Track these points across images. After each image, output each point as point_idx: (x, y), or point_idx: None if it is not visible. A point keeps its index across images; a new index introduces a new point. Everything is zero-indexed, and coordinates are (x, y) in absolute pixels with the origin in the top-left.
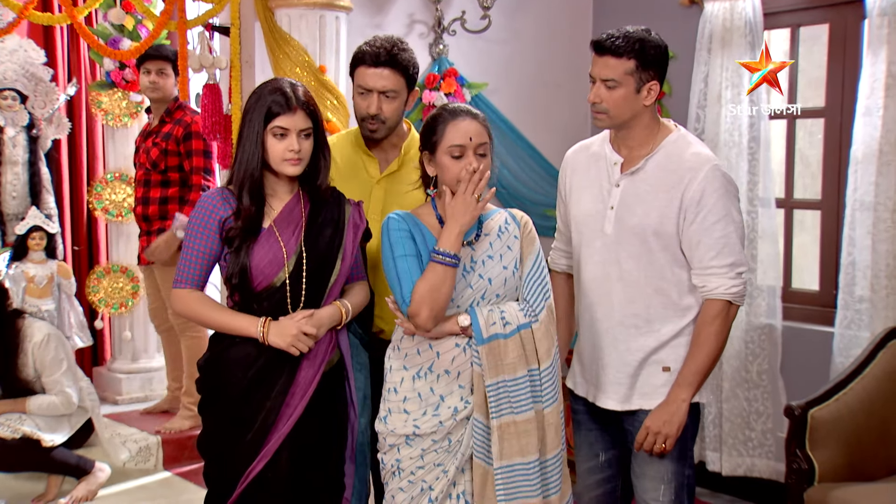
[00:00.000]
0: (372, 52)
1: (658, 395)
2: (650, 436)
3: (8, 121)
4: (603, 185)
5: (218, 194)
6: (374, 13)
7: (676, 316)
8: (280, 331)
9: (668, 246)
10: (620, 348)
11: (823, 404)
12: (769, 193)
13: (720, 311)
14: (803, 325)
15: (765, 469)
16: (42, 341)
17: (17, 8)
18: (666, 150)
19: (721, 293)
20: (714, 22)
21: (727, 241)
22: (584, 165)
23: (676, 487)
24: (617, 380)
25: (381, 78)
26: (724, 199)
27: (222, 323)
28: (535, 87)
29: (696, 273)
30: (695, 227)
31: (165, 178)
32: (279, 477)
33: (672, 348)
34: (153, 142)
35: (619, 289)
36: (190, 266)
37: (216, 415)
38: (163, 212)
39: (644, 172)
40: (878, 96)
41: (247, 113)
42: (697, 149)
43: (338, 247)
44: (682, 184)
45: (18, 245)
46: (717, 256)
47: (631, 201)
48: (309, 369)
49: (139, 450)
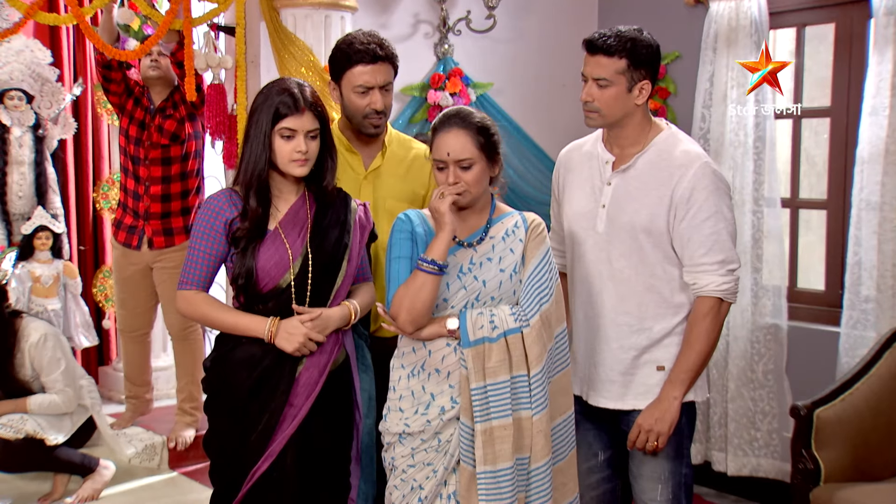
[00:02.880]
0: (367, 50)
1: (653, 395)
2: (642, 434)
3: (14, 121)
4: (595, 184)
5: (224, 195)
6: (379, 13)
7: (669, 314)
8: (287, 335)
9: (660, 243)
10: (613, 346)
11: (829, 404)
12: (775, 193)
13: (711, 309)
14: (809, 324)
15: (770, 469)
16: (39, 341)
17: (23, 8)
18: (657, 148)
19: (712, 290)
20: (719, 21)
21: (717, 238)
22: (578, 164)
23: (674, 486)
24: (609, 378)
25: (380, 73)
26: (714, 195)
27: (229, 324)
28: (541, 87)
29: (687, 270)
30: (685, 223)
31: (185, 150)
32: (284, 477)
33: (665, 347)
34: (165, 115)
35: (610, 287)
36: (196, 267)
37: (222, 414)
38: (185, 187)
39: (635, 170)
40: (885, 96)
41: (253, 113)
42: (687, 146)
43: (344, 248)
44: (671, 181)
45: (25, 245)
46: (708, 253)
47: (622, 199)
48: (313, 370)
49: (144, 448)
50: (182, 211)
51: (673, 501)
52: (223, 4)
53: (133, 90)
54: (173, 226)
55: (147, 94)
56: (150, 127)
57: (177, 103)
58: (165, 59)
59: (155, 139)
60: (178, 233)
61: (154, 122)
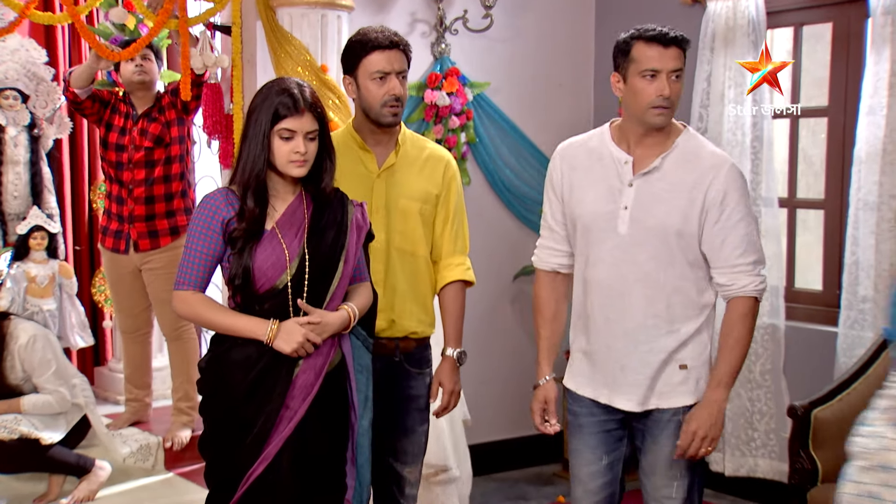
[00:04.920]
0: (383, 37)
1: (675, 394)
2: (696, 441)
3: (9, 120)
4: (613, 185)
5: (220, 195)
6: (375, 12)
7: (695, 314)
8: (286, 337)
9: (690, 245)
10: (642, 349)
11: (827, 404)
12: (772, 193)
13: (751, 309)
14: (806, 324)
15: (768, 469)
16: (28, 343)
17: (18, 7)
18: (681, 149)
19: (751, 290)
20: (717, 21)
21: (750, 239)
22: (585, 163)
23: (689, 483)
24: (636, 381)
25: (396, 60)
26: (745, 197)
27: (227, 325)
28: (538, 86)
29: (722, 272)
30: (718, 226)
31: (168, 153)
32: (280, 479)
33: (690, 347)
34: (150, 119)
35: (638, 289)
36: (192, 267)
37: (217, 416)
38: (168, 190)
39: (660, 172)
40: (882, 95)
41: (252, 113)
42: (712, 148)
43: (340, 249)
44: (703, 183)
45: (20, 245)
46: (744, 254)
47: (648, 201)
48: (310, 372)
49: (139, 448)
50: (167, 213)
51: (687, 499)
52: (219, 4)
53: (108, 100)
54: (158, 228)
55: (126, 100)
56: (132, 131)
57: (163, 108)
58: (150, 64)
59: (137, 142)
60: (164, 234)
61: (137, 125)
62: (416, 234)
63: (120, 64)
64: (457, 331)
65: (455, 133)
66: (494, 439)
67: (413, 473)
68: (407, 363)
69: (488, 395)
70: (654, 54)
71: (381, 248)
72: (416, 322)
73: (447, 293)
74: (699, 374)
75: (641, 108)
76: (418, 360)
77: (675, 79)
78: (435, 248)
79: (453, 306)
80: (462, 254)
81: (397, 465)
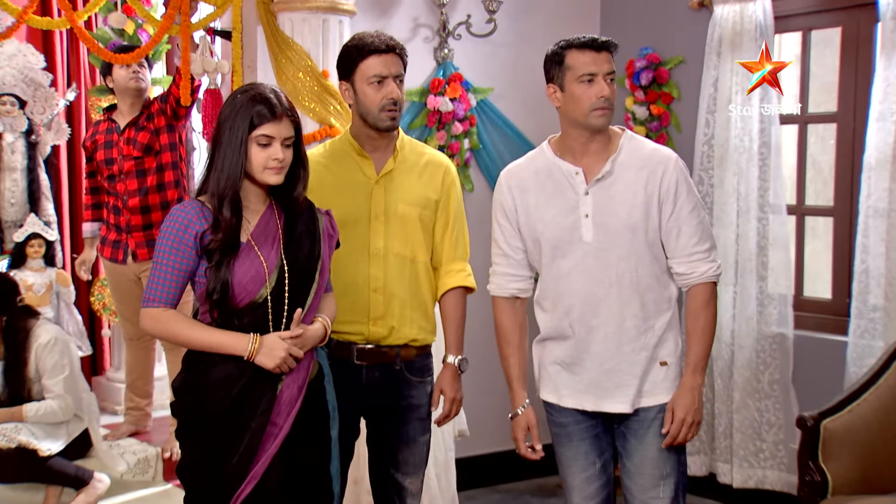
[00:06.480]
0: (379, 41)
1: (658, 391)
2: (685, 427)
3: (6, 126)
4: (569, 197)
5: (191, 206)
6: (377, 17)
7: (666, 308)
8: (269, 352)
9: (654, 240)
10: (625, 350)
11: (836, 415)
12: (780, 200)
13: (713, 294)
14: (816, 334)
15: (776, 481)
16: (47, 344)
17: (15, 12)
18: (626, 150)
19: (710, 276)
20: (724, 25)
21: (704, 227)
22: (535, 183)
23: (675, 482)
24: (626, 382)
25: (393, 64)
26: (692, 187)
27: (204, 341)
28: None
29: (680, 261)
30: (674, 217)
31: (159, 161)
32: (269, 498)
33: (666, 344)
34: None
35: (614, 292)
36: (163, 283)
37: (198, 440)
38: (163, 199)
39: (613, 175)
40: (892, 101)
41: (225, 120)
42: (654, 145)
43: (316, 259)
44: (655, 178)
45: (17, 253)
46: (699, 242)
47: (607, 205)
48: (293, 386)
49: (137, 461)
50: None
51: (674, 499)
52: (220, 9)
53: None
54: (156, 237)
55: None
56: (119, 142)
57: (152, 115)
58: (145, 71)
59: (125, 152)
60: None
61: (123, 135)
62: (415, 239)
63: (113, 69)
64: (458, 338)
65: (458, 139)
66: (498, 450)
67: (414, 484)
68: (408, 372)
69: (491, 405)
70: (589, 59)
71: (380, 254)
72: (417, 329)
73: (448, 299)
74: (677, 369)
75: (584, 112)
76: (419, 368)
77: (610, 81)
78: (435, 255)
79: (454, 313)
80: (462, 260)
81: (398, 476)
